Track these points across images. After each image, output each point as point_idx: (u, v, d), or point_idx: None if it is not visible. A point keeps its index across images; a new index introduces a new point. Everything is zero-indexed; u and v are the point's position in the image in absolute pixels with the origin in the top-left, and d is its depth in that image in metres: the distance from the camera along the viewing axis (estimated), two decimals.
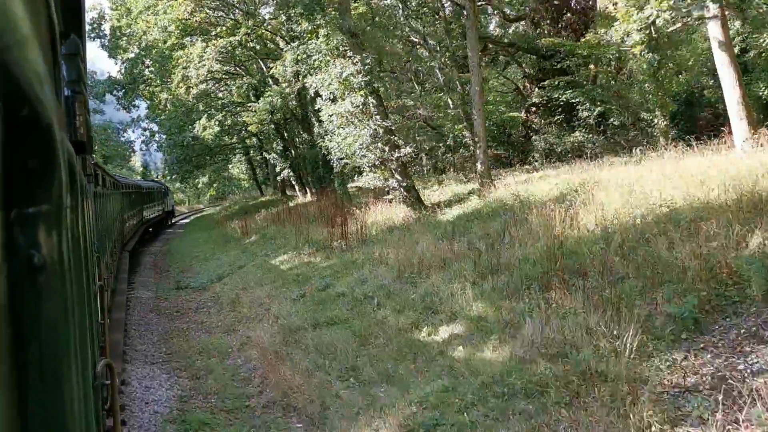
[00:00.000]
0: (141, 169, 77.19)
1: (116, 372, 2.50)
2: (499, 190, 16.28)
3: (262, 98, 23.80)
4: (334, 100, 17.38)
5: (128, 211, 20.61)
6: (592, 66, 23.87)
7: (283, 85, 22.03)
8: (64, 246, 0.93)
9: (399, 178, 17.11)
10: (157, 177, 70.88)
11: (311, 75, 19.43)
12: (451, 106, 21.03)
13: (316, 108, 20.13)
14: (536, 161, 24.69)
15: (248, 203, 43.25)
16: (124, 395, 8.16)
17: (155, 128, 34.80)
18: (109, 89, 30.38)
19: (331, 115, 17.24)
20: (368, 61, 16.12)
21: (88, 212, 3.31)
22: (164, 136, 33.58)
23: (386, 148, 16.86)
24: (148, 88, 27.38)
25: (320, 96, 20.63)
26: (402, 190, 17.23)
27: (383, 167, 17.33)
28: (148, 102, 34.31)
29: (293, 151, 31.94)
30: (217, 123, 28.23)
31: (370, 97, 16.42)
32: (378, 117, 16.66)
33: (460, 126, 20.02)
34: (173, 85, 25.84)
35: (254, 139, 49.30)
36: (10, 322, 0.67)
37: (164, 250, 30.44)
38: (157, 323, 14.99)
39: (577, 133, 23.43)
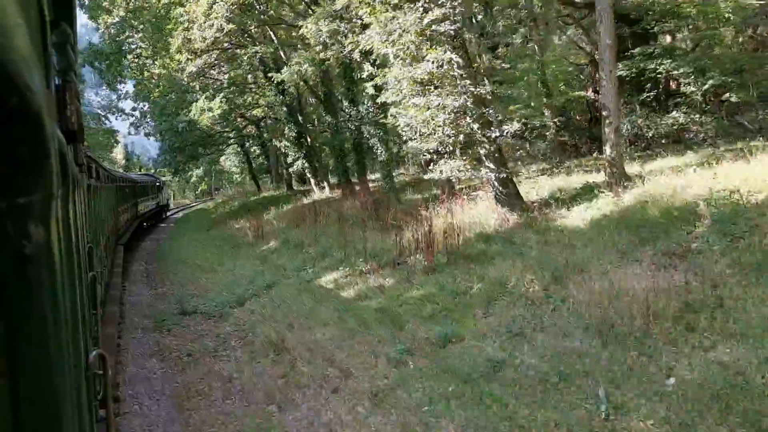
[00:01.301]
0: (124, 161, 71.41)
1: (109, 363, 2.39)
2: (635, 185, 11.66)
3: (286, 68, 18.90)
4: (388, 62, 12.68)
5: (122, 204, 19.90)
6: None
7: (316, 48, 17.25)
8: (55, 236, 0.90)
9: (492, 166, 12.42)
10: (140, 170, 65.50)
11: (355, 33, 14.67)
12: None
13: (364, 75, 15.37)
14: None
15: (248, 199, 38.23)
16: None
17: (146, 107, 29.55)
18: (88, 60, 25.03)
19: (399, 80, 12.47)
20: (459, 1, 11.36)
21: (80, 202, 3.27)
22: (156, 120, 28.45)
23: (475, 126, 12.16)
24: (136, 60, 22.39)
25: (369, 61, 15.90)
26: (496, 183, 12.54)
27: (469, 151, 12.64)
28: (136, 80, 29.29)
29: (308, 138, 27.07)
30: (224, 102, 23.22)
31: (454, 54, 11.68)
32: (468, 81, 11.96)
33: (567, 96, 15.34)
34: (173, 50, 20.80)
35: (252, 128, 44.51)
36: (1, 313, 0.68)
37: (157, 254, 25.46)
38: (161, 379, 10.23)
39: (675, 113, 18.91)
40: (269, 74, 21.01)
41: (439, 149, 12.26)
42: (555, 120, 14.33)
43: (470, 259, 10.83)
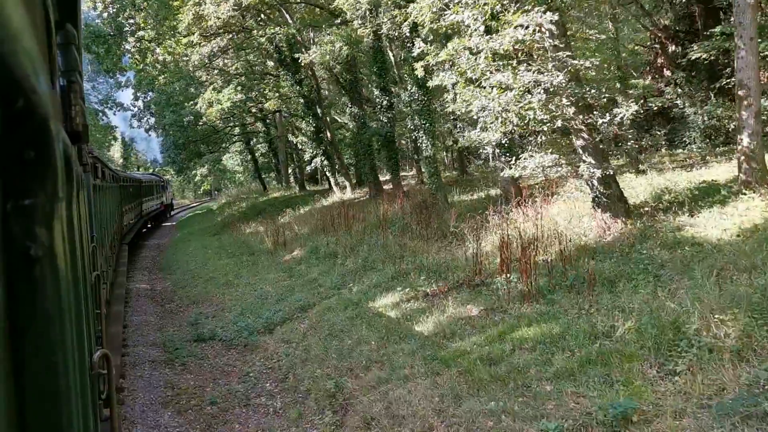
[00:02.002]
0: (121, 160, 68.65)
1: (113, 363, 2.33)
2: None
3: (315, 47, 16.27)
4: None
5: (127, 204, 19.88)
6: None
7: (355, 24, 14.65)
8: (60, 237, 0.90)
9: (591, 160, 9.85)
10: (139, 169, 62.88)
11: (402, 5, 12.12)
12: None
13: (415, 53, 12.80)
14: (692, 144, 17.66)
15: (257, 200, 35.58)
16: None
17: (149, 96, 26.83)
18: (84, 44, 22.15)
19: (477, 52, 9.88)
20: None
21: (85, 203, 3.28)
22: (161, 112, 25.81)
23: (571, 110, 9.59)
24: (138, 44, 19.81)
25: (419, 36, 13.35)
26: (595, 182, 9.98)
27: (561, 142, 10.10)
28: (137, 68, 26.66)
29: (328, 133, 24.47)
30: (236, 92, 20.62)
31: (548, 19, 9.10)
32: (566, 53, 9.40)
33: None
34: (181, 29, 18.15)
35: (258, 124, 41.95)
36: (6, 314, 0.68)
37: (163, 263, 22.85)
38: None
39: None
40: (296, 55, 18.36)
41: (523, 138, 9.64)
42: (637, 108, 11.84)
43: (582, 281, 8.26)
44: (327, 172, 25.31)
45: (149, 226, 32.60)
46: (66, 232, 1.11)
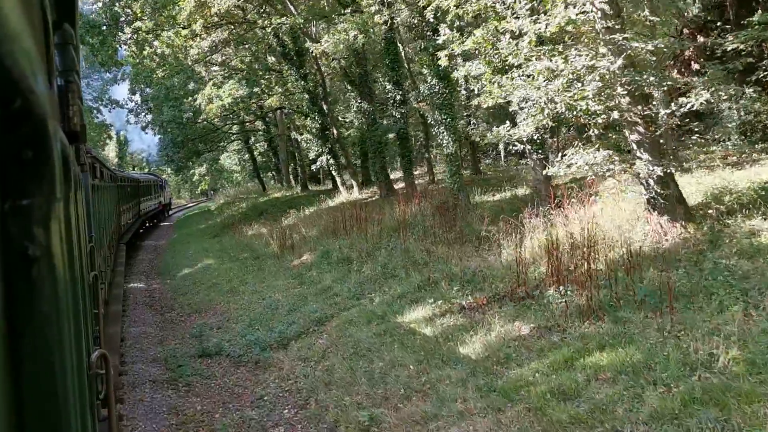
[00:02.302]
0: (116, 159, 67.21)
1: (111, 363, 2.37)
2: None
3: (330, 34, 15.10)
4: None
5: (125, 204, 19.73)
6: None
7: (371, 10, 13.51)
8: (59, 237, 0.91)
9: (648, 157, 8.75)
10: (133, 169, 61.57)
11: None
12: None
13: (434, 43, 11.70)
14: (727, 140, 16.62)
15: (257, 200, 34.38)
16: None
17: (146, 91, 25.57)
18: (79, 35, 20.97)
19: (518, 36, 8.76)
20: None
21: (83, 202, 3.20)
22: (159, 108, 24.59)
23: (625, 100, 8.51)
24: (135, 35, 18.62)
25: (444, 22, 12.27)
26: (651, 181, 8.89)
27: (611, 136, 9.02)
28: (134, 61, 25.48)
29: (335, 131, 23.33)
30: (241, 86, 19.48)
31: None
32: (624, 35, 8.32)
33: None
34: (182, 17, 16.95)
35: (257, 122, 40.77)
36: (4, 314, 0.68)
37: (161, 266, 21.68)
38: None
39: None
40: (306, 45, 17.19)
41: (554, 134, 8.50)
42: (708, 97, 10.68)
43: (656, 295, 7.15)
44: (333, 171, 24.14)
45: (147, 225, 32.32)
46: (64, 232, 1.10)
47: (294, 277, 14.64)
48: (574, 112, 8.38)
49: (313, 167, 25.67)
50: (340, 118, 27.78)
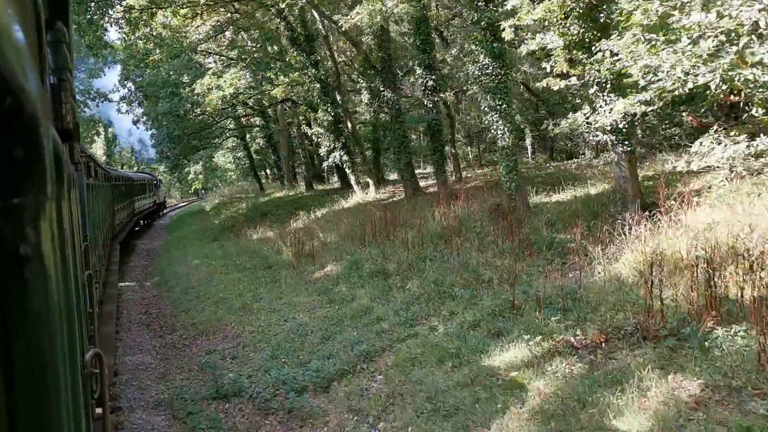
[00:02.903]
0: (104, 157, 64.36)
1: (105, 362, 2.36)
2: None
3: (361, 6, 12.84)
4: None
5: (119, 203, 19.74)
6: None
7: None
8: (51, 237, 0.92)
9: None
10: (122, 167, 58.96)
11: None
12: None
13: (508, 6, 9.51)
14: None
15: (258, 200, 31.98)
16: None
17: (140, 77, 23.06)
18: None
19: None
20: None
21: (76, 201, 3.21)
22: (154, 96, 22.15)
23: None
24: (127, 14, 16.23)
25: None
26: None
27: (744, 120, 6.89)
28: (123, 48, 23.17)
29: (349, 124, 21.07)
30: (244, 74, 17.18)
31: None
32: None
33: None
34: None
35: (255, 117, 38.43)
36: None
37: (156, 274, 19.35)
38: None
39: None
40: (335, 18, 14.93)
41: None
42: None
43: None
44: (347, 169, 21.87)
45: (142, 223, 31.91)
46: (57, 232, 1.11)
47: (318, 292, 12.38)
48: (728, 85, 6.20)
49: (325, 164, 23.33)
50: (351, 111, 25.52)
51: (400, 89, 18.60)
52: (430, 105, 15.66)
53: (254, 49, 22.31)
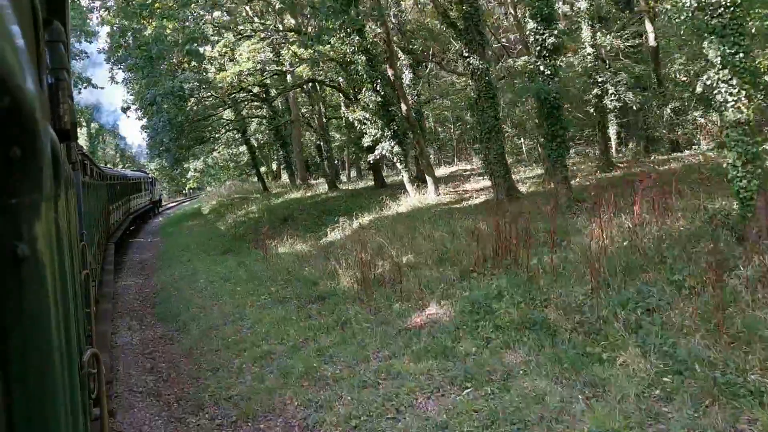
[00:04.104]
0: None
1: (102, 362, 2.40)
2: None
3: None
4: None
5: (114, 202, 19.13)
6: None
7: None
8: (49, 236, 0.92)
9: None
10: (106, 165, 53.88)
11: None
12: None
13: None
14: None
15: (269, 203, 27.23)
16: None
17: (130, 40, 18.29)
18: None
19: None
20: None
21: (74, 201, 3.22)
22: (150, 71, 17.44)
23: None
24: None
25: None
26: None
27: None
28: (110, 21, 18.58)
29: (404, 106, 16.57)
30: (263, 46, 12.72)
31: None
32: None
33: None
34: None
35: (255, 107, 33.75)
36: None
37: (155, 298, 14.73)
38: None
39: None
40: None
41: None
42: None
43: None
44: (398, 163, 17.32)
45: (138, 222, 31.57)
46: (54, 231, 1.09)
47: (429, 352, 7.84)
48: None
49: (370, 158, 18.78)
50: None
51: (488, 55, 14.17)
52: (549, 72, 11.28)
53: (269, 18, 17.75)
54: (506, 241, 9.47)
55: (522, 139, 25.87)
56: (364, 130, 17.11)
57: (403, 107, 16.64)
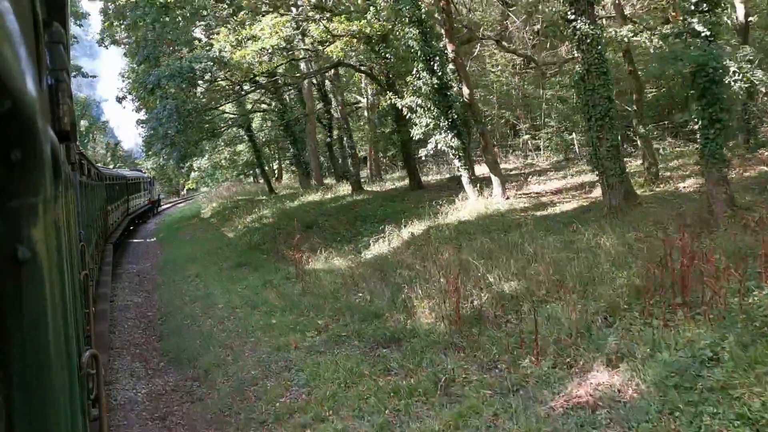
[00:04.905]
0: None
1: (101, 362, 2.35)
2: None
3: None
4: None
5: (113, 202, 18.84)
6: None
7: None
8: (49, 238, 0.91)
9: None
10: (96, 163, 50.49)
11: None
12: None
13: None
14: None
15: (284, 205, 24.09)
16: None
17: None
18: None
19: None
20: None
21: (73, 202, 3.18)
22: (151, 51, 14.42)
23: None
24: None
25: None
26: None
27: None
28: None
29: (466, 90, 13.60)
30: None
31: None
32: None
33: None
34: None
35: (265, 101, 30.76)
36: None
37: (161, 330, 11.66)
38: None
39: None
40: None
41: None
42: None
43: None
44: (457, 159, 14.30)
45: (137, 222, 31.22)
46: (54, 233, 1.09)
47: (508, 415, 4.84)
48: None
49: (422, 152, 15.75)
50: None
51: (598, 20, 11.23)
52: (708, 31, 8.35)
53: None
54: (683, 268, 6.49)
55: (574, 134, 22.97)
56: (414, 120, 14.09)
57: (465, 91, 13.67)
